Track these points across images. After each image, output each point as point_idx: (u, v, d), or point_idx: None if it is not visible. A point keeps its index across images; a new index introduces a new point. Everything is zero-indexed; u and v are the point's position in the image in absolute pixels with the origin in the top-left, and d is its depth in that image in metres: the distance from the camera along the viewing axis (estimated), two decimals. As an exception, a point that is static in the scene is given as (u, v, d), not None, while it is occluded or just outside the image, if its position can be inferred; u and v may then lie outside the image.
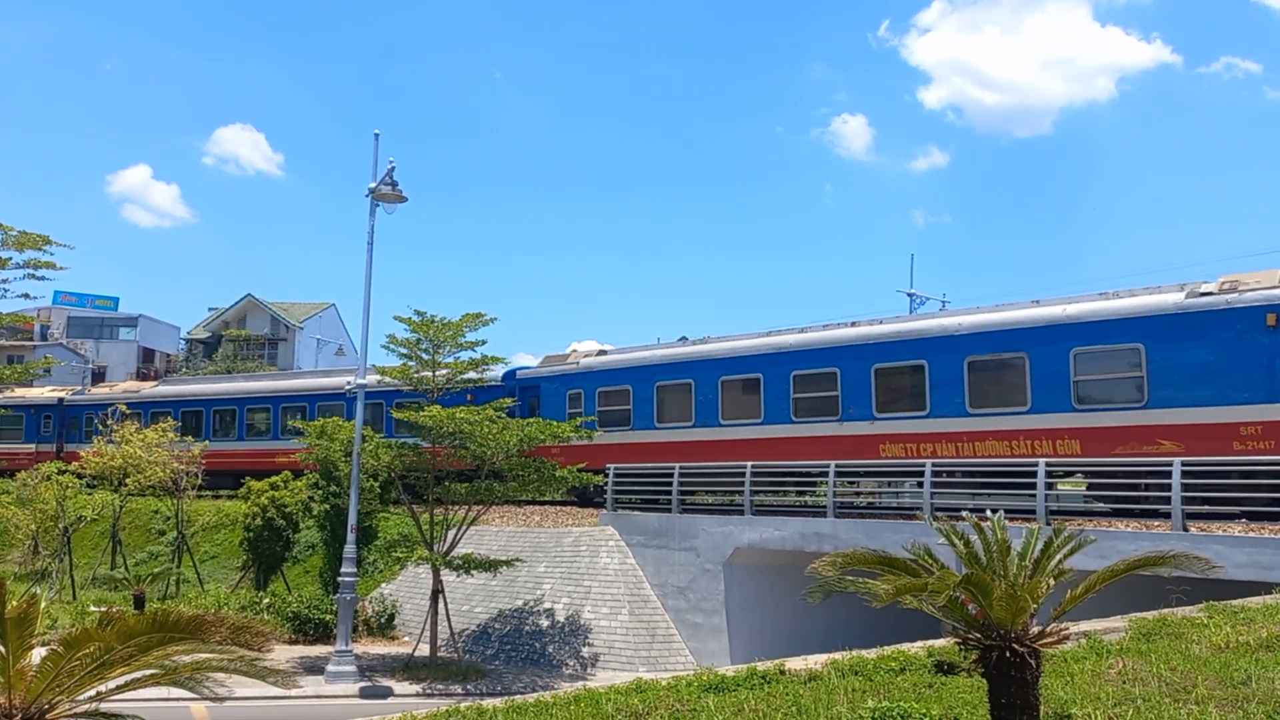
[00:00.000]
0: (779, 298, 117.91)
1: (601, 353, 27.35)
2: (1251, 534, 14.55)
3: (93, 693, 6.01)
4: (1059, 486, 19.37)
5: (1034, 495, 16.47)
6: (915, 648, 9.86)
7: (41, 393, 41.81)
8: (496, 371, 29.82)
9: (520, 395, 28.11)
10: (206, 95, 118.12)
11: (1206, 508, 15.61)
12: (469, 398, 22.61)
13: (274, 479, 27.30)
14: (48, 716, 5.79)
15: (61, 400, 39.96)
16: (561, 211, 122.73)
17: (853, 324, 21.74)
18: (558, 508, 27.01)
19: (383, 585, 25.64)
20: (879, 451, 20.27)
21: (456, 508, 21.35)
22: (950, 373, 19.41)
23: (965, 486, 18.41)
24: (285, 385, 36.50)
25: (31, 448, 38.77)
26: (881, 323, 21.33)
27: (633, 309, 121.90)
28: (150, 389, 39.55)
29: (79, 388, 43.86)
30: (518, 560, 22.30)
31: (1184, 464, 15.17)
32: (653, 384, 25.02)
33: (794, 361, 22.14)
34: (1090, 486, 18.70)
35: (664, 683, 9.38)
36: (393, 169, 20.32)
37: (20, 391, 42.22)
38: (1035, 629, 6.36)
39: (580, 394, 26.63)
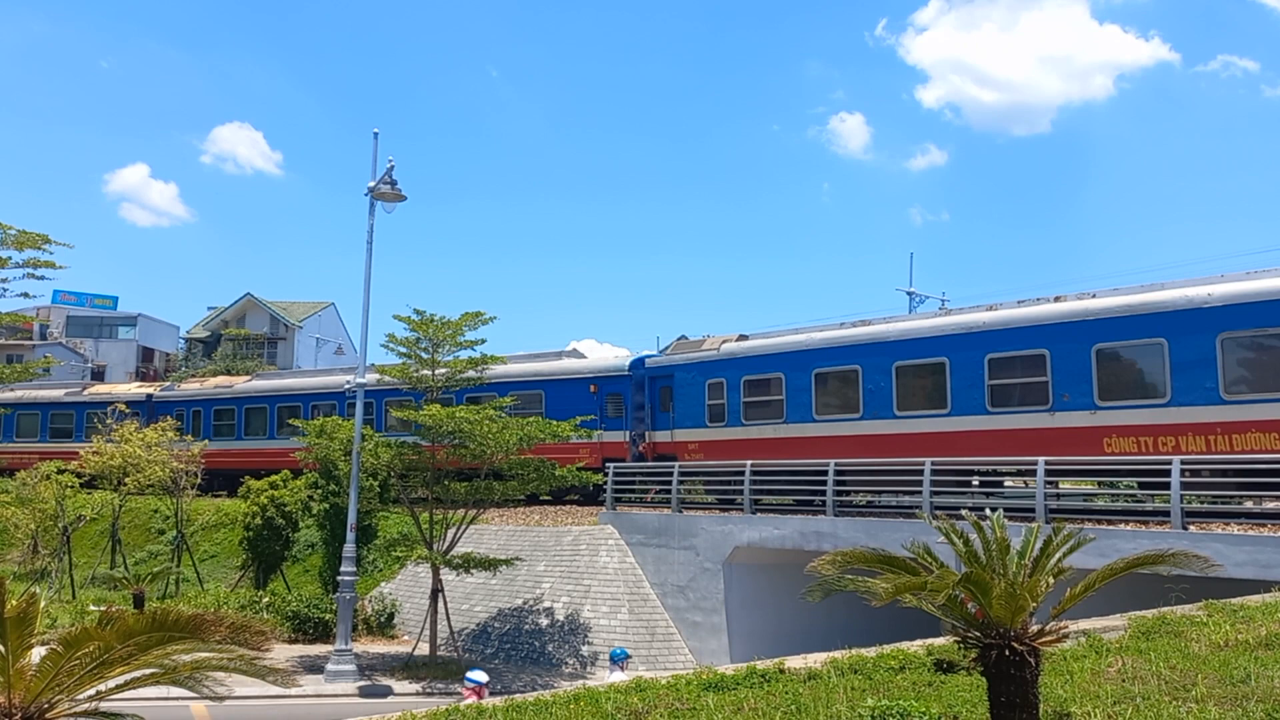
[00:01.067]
0: (776, 295, 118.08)
1: (742, 337, 24.64)
2: (1251, 532, 14.57)
3: (92, 692, 6.01)
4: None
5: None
6: (915, 646, 9.86)
7: (129, 389, 41.00)
8: (622, 360, 28.16)
9: (650, 385, 26.44)
10: (204, 94, 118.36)
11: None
12: (592, 389, 21.83)
13: (273, 478, 27.28)
14: (47, 716, 5.78)
15: (150, 397, 38.76)
16: (558, 209, 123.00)
17: (1056, 299, 19.08)
18: (557, 506, 27.01)
19: (382, 584, 25.64)
20: (1102, 447, 17.51)
21: (456, 507, 21.36)
22: (1199, 352, 16.52)
23: (1223, 487, 15.97)
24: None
25: None
26: (1095, 296, 18.49)
27: (630, 307, 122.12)
28: (244, 383, 37.90)
29: (168, 384, 42.46)
30: (517, 559, 22.30)
31: (1183, 462, 15.19)
32: (809, 371, 22.20)
33: (989, 344, 19.30)
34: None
35: (663, 681, 9.37)
36: (392, 167, 20.33)
37: (107, 387, 41.97)
38: (1034, 627, 6.36)
39: (722, 384, 24.07)
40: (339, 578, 19.86)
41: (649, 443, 26.32)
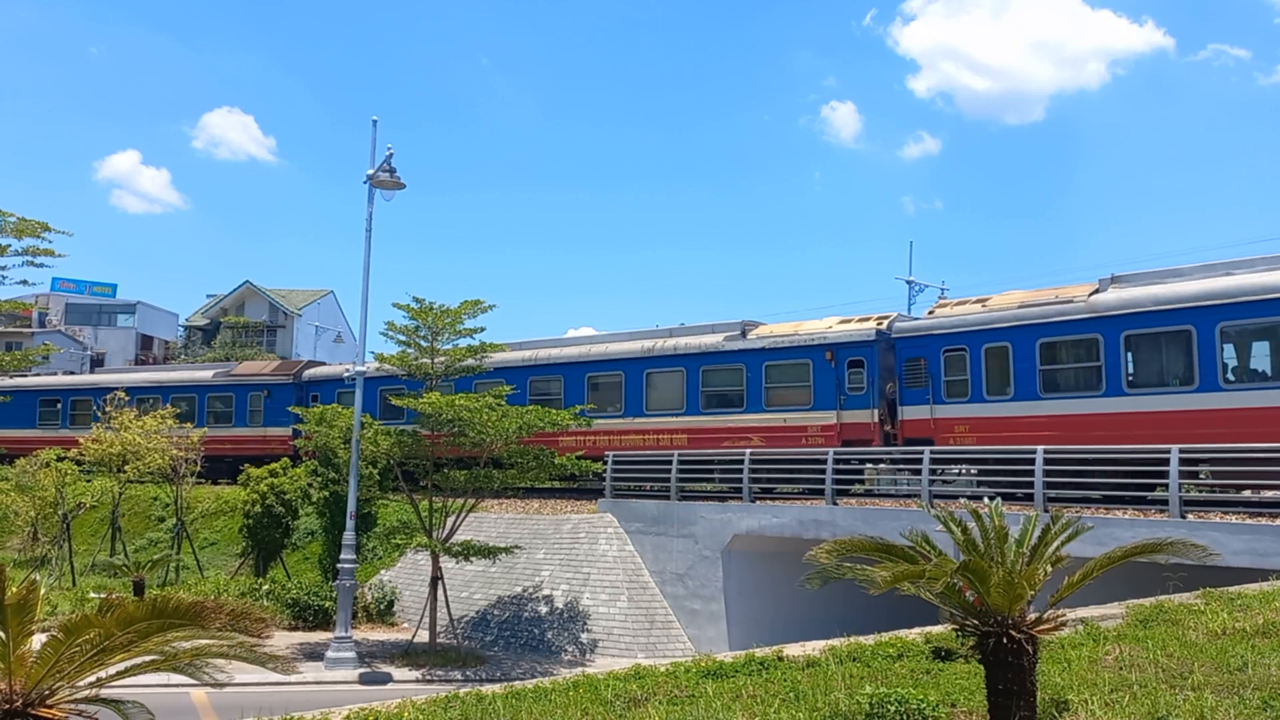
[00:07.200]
0: (770, 285, 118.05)
1: None
2: (1248, 521, 14.61)
3: (93, 678, 6.02)
4: None
5: None
6: (913, 634, 9.89)
7: (716, 340, 26.29)
8: None
9: None
10: (193, 80, 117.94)
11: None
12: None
13: (273, 465, 27.29)
14: (48, 702, 5.80)
15: (744, 331, 25.50)
16: (550, 200, 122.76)
17: None
18: (556, 494, 26.93)
19: (382, 572, 25.70)
20: None
21: (456, 495, 21.38)
22: None
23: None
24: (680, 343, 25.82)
25: None
26: None
27: (624, 298, 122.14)
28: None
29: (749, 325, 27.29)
30: (517, 547, 22.32)
31: (1181, 451, 15.20)
32: None
33: None
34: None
35: (662, 669, 9.41)
36: (391, 155, 20.27)
37: (679, 340, 26.72)
38: (1032, 615, 6.38)
39: None
40: (339, 565, 19.87)
41: None
